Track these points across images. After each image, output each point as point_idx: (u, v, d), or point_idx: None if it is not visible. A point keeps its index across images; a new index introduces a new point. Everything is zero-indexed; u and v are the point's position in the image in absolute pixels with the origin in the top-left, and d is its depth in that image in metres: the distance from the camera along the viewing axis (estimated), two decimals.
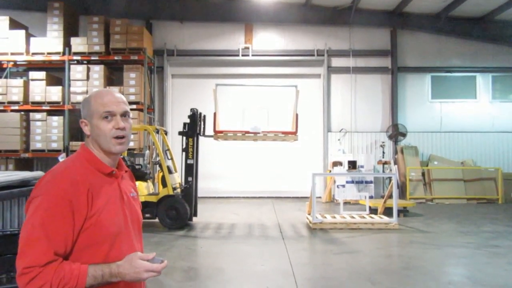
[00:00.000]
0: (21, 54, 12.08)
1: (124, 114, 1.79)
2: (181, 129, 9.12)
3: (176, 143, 11.36)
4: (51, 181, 1.63)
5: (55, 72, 12.88)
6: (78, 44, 12.13)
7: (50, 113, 12.21)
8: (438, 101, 14.13)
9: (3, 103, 11.99)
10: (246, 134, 9.00)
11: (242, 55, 13.85)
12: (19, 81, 12.21)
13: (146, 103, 12.38)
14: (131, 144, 11.08)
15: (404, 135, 13.36)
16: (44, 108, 12.11)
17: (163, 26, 13.98)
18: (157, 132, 9.45)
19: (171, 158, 9.47)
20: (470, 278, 5.55)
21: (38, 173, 5.36)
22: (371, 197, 11.76)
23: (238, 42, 13.93)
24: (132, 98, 11.93)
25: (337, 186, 12.84)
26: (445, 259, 6.56)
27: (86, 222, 1.61)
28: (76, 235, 1.61)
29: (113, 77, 12.97)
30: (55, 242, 1.55)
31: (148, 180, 9.21)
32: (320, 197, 12.91)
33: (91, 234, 1.63)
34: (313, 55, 13.92)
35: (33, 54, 12.11)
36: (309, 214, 9.20)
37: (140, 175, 8.93)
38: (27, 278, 1.50)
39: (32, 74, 12.25)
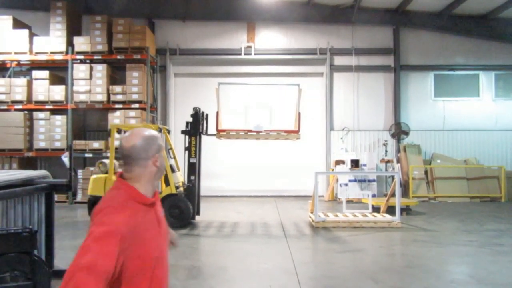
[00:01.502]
0: (25, 53, 12.13)
1: None
2: (183, 127, 9.13)
3: (178, 142, 11.37)
4: (113, 212, 1.74)
5: (58, 71, 12.92)
6: (81, 43, 12.17)
7: (54, 112, 12.26)
8: (441, 99, 14.09)
9: (7, 102, 12.06)
10: (249, 133, 9.01)
11: (245, 54, 13.85)
12: (22, 81, 12.26)
13: (149, 102, 12.41)
14: None
15: (407, 133, 13.34)
16: (47, 107, 12.16)
17: (166, 25, 14.00)
18: (160, 131, 9.45)
19: (174, 157, 9.49)
20: (474, 277, 5.54)
21: (41, 172, 5.37)
22: (373, 196, 11.77)
23: (241, 40, 13.94)
24: (135, 97, 11.97)
25: (340, 185, 12.84)
26: (448, 257, 6.55)
27: (134, 253, 1.74)
28: (125, 264, 1.71)
29: (116, 76, 13.00)
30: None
31: None
32: (322, 196, 12.91)
33: (139, 263, 1.76)
34: (316, 54, 13.91)
35: (36, 53, 12.16)
36: (311, 212, 9.21)
37: None
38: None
39: (36, 74, 12.30)
